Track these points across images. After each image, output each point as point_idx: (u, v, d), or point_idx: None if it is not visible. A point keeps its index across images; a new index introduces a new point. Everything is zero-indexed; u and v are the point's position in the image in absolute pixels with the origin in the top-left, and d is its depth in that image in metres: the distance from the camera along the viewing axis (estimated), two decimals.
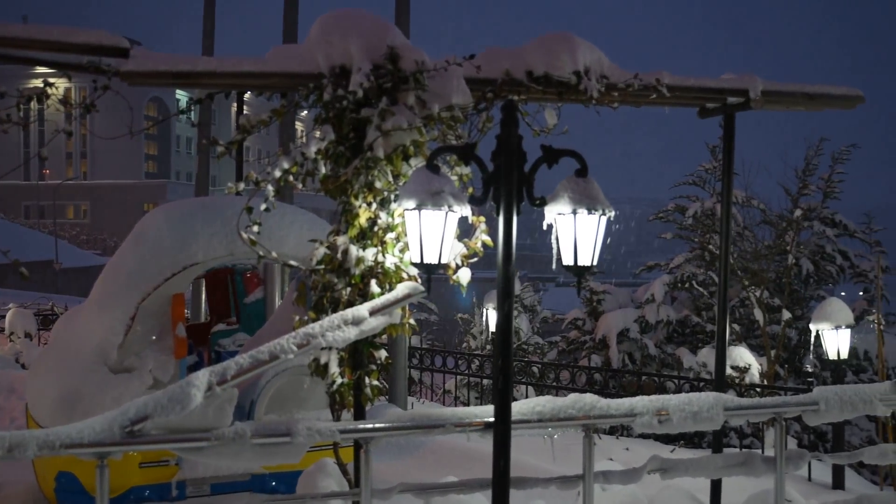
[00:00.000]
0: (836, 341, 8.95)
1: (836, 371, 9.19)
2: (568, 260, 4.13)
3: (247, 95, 12.60)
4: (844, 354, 9.03)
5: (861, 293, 17.32)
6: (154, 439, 3.96)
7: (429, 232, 4.15)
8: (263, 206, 4.77)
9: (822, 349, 9.13)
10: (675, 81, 5.67)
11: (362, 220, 4.79)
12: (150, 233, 6.93)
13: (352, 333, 4.47)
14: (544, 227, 4.19)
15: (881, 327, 8.19)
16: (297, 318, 5.07)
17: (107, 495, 3.85)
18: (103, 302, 6.86)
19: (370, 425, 4.42)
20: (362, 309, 4.55)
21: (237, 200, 6.16)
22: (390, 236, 4.85)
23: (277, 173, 4.71)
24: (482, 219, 5.07)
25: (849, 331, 8.98)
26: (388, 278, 4.85)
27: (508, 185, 4.06)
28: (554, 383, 11.73)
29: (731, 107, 6.13)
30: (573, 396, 4.77)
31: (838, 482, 8.81)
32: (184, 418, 3.96)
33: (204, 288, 11.29)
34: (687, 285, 15.94)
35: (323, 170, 4.86)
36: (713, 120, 6.58)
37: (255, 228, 4.86)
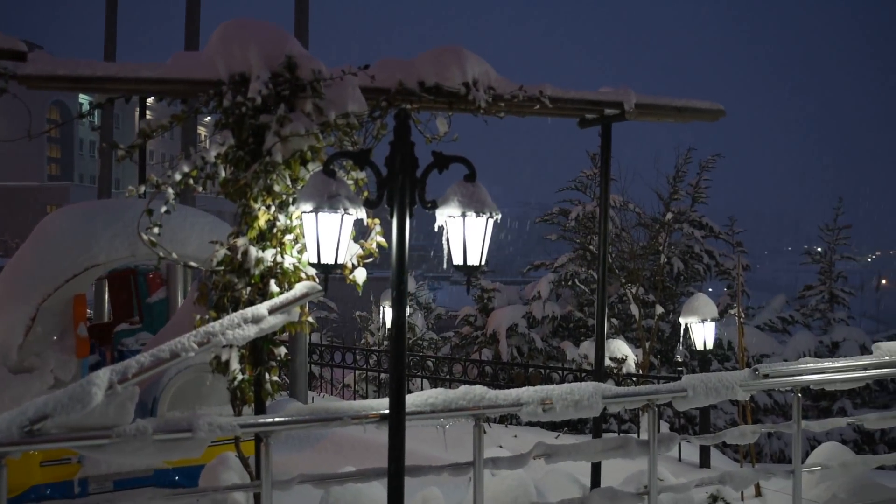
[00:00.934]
0: (702, 333, 9.25)
1: (703, 360, 9.51)
2: (458, 260, 4.16)
3: (150, 100, 12.26)
4: (710, 345, 9.34)
5: (725, 289, 17.99)
6: (54, 438, 3.81)
7: (326, 234, 4.12)
8: (164, 209, 4.64)
9: (690, 340, 9.43)
10: (557, 93, 5.77)
11: (261, 222, 4.72)
12: (51, 234, 6.66)
13: (251, 331, 4.39)
14: (436, 229, 4.21)
15: (741, 320, 8.50)
16: (198, 317, 4.96)
17: (4, 495, 3.68)
18: (3, 303, 6.55)
19: (270, 419, 4.35)
20: (262, 308, 4.48)
21: (139, 202, 5.98)
22: (289, 238, 4.79)
23: (178, 176, 4.59)
24: (377, 221, 5.06)
25: (714, 323, 9.30)
26: (286, 278, 4.79)
27: (402, 189, 4.06)
28: (447, 376, 11.80)
29: (608, 118, 6.27)
30: (464, 388, 4.80)
31: (705, 461, 9.12)
32: (85, 417, 3.82)
33: (107, 288, 10.94)
34: (570, 283, 16.26)
35: (223, 173, 4.77)
36: (594, 129, 6.72)
37: (156, 230, 4.73)
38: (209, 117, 5.07)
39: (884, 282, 64.49)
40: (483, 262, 4.21)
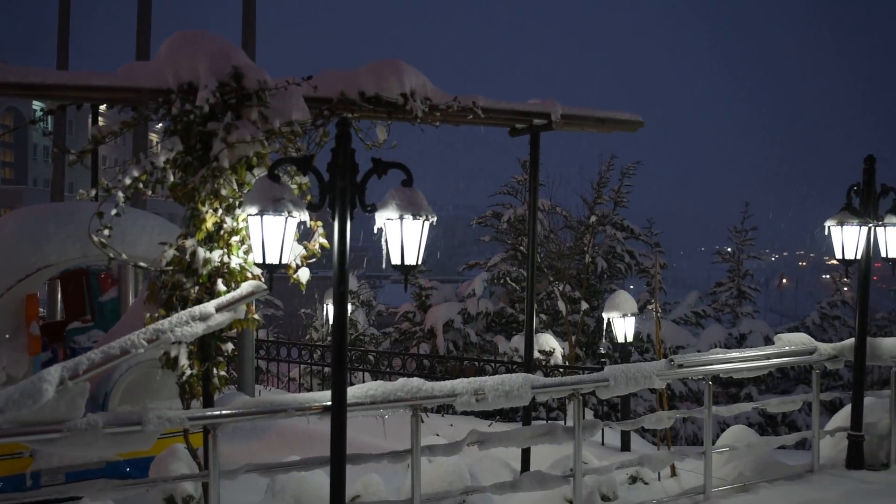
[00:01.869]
0: (623, 327, 9.38)
1: (624, 352, 9.65)
2: (396, 260, 4.15)
3: (102, 107, 11.96)
4: (630, 338, 9.48)
5: (645, 286, 18.29)
6: (6, 433, 3.70)
7: (270, 235, 4.08)
8: (114, 211, 4.55)
9: (613, 334, 9.55)
10: (489, 104, 5.80)
11: (209, 224, 4.65)
12: (5, 236, 6.46)
13: (199, 328, 4.33)
14: (375, 231, 4.19)
15: (659, 315, 8.64)
16: (148, 315, 4.86)
17: None
18: None
19: (217, 412, 4.29)
20: (209, 306, 4.42)
21: (90, 205, 5.85)
22: (235, 239, 4.73)
23: (128, 181, 4.51)
24: (320, 223, 5.03)
25: (634, 318, 9.44)
26: (233, 277, 4.72)
27: (343, 193, 4.03)
28: (387, 369, 11.76)
29: (537, 127, 6.33)
30: (402, 381, 4.80)
31: (626, 445, 9.26)
32: (36, 412, 3.71)
33: (59, 287, 10.65)
34: (502, 281, 16.36)
35: (172, 178, 4.69)
36: (525, 138, 6.76)
37: (107, 232, 4.63)
38: (160, 124, 4.98)
39: (784, 281, 66.52)
40: (420, 262, 4.21)
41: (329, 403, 4.28)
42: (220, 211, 4.67)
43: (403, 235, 4.08)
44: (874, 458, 6.79)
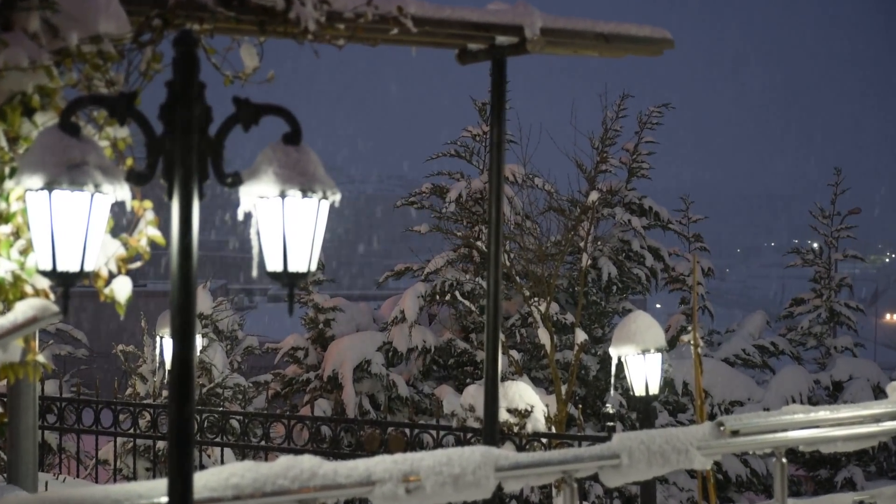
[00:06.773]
0: (644, 371, 9.44)
1: (645, 411, 9.75)
2: (275, 264, 4.14)
3: None
4: (655, 388, 9.55)
5: (679, 305, 18.45)
6: None
7: (65, 224, 4.04)
8: None
9: (627, 382, 9.63)
10: (425, 12, 5.82)
11: None
12: None
13: None
14: (240, 217, 4.18)
15: (700, 350, 8.76)
16: None
17: None
18: None
19: None
20: None
21: None
22: (4, 230, 4.69)
23: None
24: (149, 204, 5.00)
25: (660, 356, 9.51)
26: (1, 294, 4.68)
27: (186, 154, 4.02)
28: (262, 442, 11.73)
29: (501, 49, 6.36)
30: (286, 460, 4.80)
31: None
32: None
33: None
34: (449, 297, 16.38)
35: None
36: (482, 66, 6.80)
37: None
38: None
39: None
40: (314, 268, 4.22)
41: (165, 500, 4.26)
42: None
43: (287, 224, 4.09)
44: None
